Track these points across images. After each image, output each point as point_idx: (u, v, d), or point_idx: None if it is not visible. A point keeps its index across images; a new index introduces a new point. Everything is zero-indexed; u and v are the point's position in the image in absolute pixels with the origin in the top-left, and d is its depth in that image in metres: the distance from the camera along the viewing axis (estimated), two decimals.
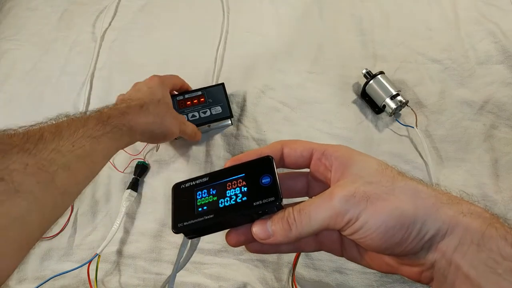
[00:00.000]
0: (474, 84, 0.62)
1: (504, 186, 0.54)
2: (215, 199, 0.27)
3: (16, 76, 0.71)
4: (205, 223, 0.27)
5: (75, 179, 0.34)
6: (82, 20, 0.76)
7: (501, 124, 0.58)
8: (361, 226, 0.23)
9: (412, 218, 0.22)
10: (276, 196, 0.26)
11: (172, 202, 0.29)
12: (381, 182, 0.24)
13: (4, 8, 0.80)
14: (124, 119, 0.42)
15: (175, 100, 0.58)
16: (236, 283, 0.50)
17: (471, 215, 0.22)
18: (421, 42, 0.67)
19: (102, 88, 0.68)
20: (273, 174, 0.27)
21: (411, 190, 0.24)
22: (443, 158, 0.57)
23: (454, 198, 0.24)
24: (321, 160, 0.28)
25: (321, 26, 0.71)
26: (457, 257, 0.22)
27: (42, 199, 0.30)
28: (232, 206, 0.27)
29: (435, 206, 0.23)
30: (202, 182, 0.29)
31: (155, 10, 0.77)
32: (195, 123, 0.57)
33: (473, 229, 0.22)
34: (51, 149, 0.32)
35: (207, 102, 0.59)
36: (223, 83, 0.61)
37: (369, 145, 0.59)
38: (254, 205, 0.26)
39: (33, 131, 0.33)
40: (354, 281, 0.49)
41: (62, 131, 0.35)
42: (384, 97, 0.57)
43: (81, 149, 0.35)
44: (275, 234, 0.25)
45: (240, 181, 0.27)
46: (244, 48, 0.70)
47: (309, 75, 0.66)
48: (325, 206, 0.24)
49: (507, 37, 0.64)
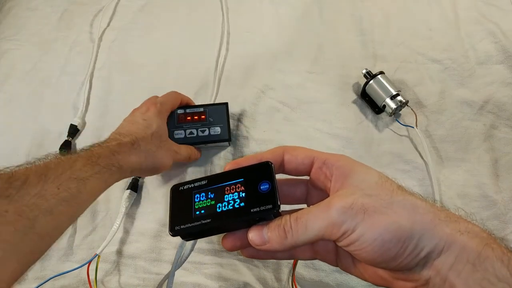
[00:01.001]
0: (474, 84, 0.62)
1: (504, 186, 0.54)
2: (213, 203, 0.27)
3: (16, 76, 0.71)
4: (202, 227, 0.27)
5: (57, 223, 0.33)
6: (82, 20, 0.76)
7: (501, 124, 0.58)
8: (357, 238, 0.23)
9: (409, 233, 0.22)
10: (274, 204, 0.26)
11: (170, 204, 0.29)
12: (380, 195, 0.24)
13: (4, 8, 0.80)
14: (114, 159, 0.40)
15: (176, 113, 0.56)
16: (236, 283, 0.50)
17: (468, 234, 0.22)
18: (421, 42, 0.67)
19: (101, 88, 0.68)
20: (272, 181, 0.27)
21: (409, 205, 0.24)
22: (443, 158, 0.57)
23: (452, 216, 0.24)
24: (321, 169, 0.27)
25: (321, 26, 0.71)
26: (452, 276, 0.22)
27: (19, 247, 0.29)
28: (229, 212, 0.27)
29: (433, 223, 0.23)
30: (200, 185, 0.29)
31: (155, 10, 0.77)
32: (191, 142, 0.55)
33: (469, 248, 0.22)
34: (34, 194, 0.31)
35: (208, 120, 0.56)
36: (227, 103, 0.58)
37: (369, 145, 0.59)
38: (252, 211, 0.26)
39: (18, 173, 0.32)
40: (354, 281, 0.49)
41: (48, 173, 0.34)
42: (384, 97, 0.57)
43: (67, 192, 0.33)
44: (271, 241, 0.25)
45: (238, 186, 0.27)
46: (244, 48, 0.70)
47: (309, 75, 0.66)
48: (322, 216, 0.24)
49: (507, 37, 0.64)
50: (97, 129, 0.64)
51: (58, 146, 0.61)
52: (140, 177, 0.58)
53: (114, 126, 0.65)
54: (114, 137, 0.45)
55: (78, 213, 0.36)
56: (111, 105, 0.66)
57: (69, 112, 0.66)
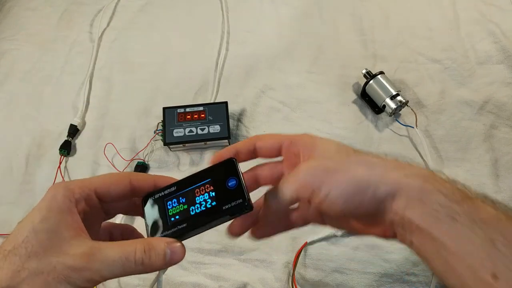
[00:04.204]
0: (474, 84, 0.62)
1: (504, 186, 0.54)
2: (186, 207, 0.28)
3: (16, 76, 0.71)
4: (180, 232, 0.27)
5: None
6: (82, 20, 0.76)
7: (501, 124, 0.58)
8: (325, 195, 0.27)
9: (366, 184, 0.27)
10: (243, 198, 0.27)
11: (145, 215, 0.29)
12: (339, 158, 0.29)
13: (4, 8, 0.80)
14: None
15: (175, 112, 0.57)
16: (236, 283, 0.50)
17: (412, 176, 0.27)
18: (421, 42, 0.67)
19: (101, 88, 0.68)
20: (238, 176, 0.27)
21: (364, 162, 0.28)
22: (443, 158, 0.57)
23: (400, 164, 0.28)
24: (290, 148, 0.32)
25: (321, 26, 0.71)
26: (408, 213, 0.26)
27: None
28: (203, 212, 0.27)
29: (385, 173, 0.27)
30: (170, 192, 0.29)
31: (155, 10, 0.77)
32: (191, 139, 0.55)
33: (414, 187, 0.26)
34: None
35: (207, 119, 0.57)
36: (226, 102, 0.59)
37: (369, 145, 0.59)
38: (224, 209, 0.27)
39: None
40: (354, 281, 0.49)
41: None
42: (384, 97, 0.57)
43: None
44: (261, 214, 0.30)
45: (207, 186, 0.28)
46: (244, 48, 0.70)
47: (309, 75, 0.66)
48: (293, 180, 0.28)
49: (507, 37, 0.64)
50: (97, 129, 0.64)
51: (58, 146, 0.61)
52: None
53: (114, 126, 0.65)
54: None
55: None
56: (111, 105, 0.66)
57: (69, 112, 0.66)
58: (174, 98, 0.66)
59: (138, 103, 0.66)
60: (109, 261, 0.24)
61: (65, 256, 0.24)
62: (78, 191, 0.26)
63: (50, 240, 0.24)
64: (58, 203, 0.25)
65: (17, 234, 0.24)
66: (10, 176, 0.61)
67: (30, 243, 0.24)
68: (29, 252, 0.23)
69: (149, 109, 0.65)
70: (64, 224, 0.25)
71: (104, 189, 0.28)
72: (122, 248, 0.25)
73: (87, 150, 0.63)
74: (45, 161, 0.62)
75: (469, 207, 0.25)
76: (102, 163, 0.61)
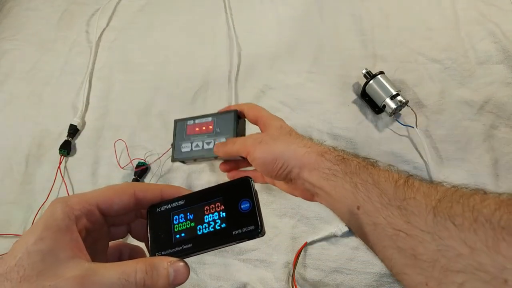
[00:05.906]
0: (474, 84, 0.62)
1: (504, 186, 0.54)
2: (193, 225, 0.26)
3: (16, 76, 0.71)
4: (184, 252, 0.25)
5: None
6: (82, 20, 0.76)
7: (501, 124, 0.58)
8: (253, 158, 0.38)
9: (279, 156, 0.37)
10: (256, 225, 0.24)
11: (149, 227, 0.27)
12: (273, 134, 0.40)
13: (4, 8, 0.80)
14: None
15: (185, 124, 0.52)
16: (236, 283, 0.50)
17: (312, 153, 0.36)
18: (421, 42, 0.67)
19: (101, 88, 0.68)
20: (252, 199, 0.25)
21: (286, 141, 0.38)
22: (443, 158, 0.57)
23: (307, 143, 0.38)
24: (260, 123, 0.44)
25: (321, 26, 0.71)
26: (311, 179, 0.36)
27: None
28: (211, 234, 0.25)
29: (296, 150, 0.37)
30: (178, 205, 0.27)
31: (155, 10, 0.77)
32: (196, 156, 0.50)
33: (312, 161, 0.36)
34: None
35: (214, 131, 0.51)
36: (236, 110, 0.50)
37: (369, 145, 0.59)
38: (234, 234, 0.25)
39: None
40: (354, 281, 0.49)
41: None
42: (384, 97, 0.57)
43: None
44: (217, 151, 0.44)
45: (218, 204, 0.26)
46: (244, 48, 0.70)
47: (309, 75, 0.66)
48: (240, 142, 0.41)
49: (507, 37, 0.64)
50: (97, 129, 0.64)
51: (58, 146, 0.61)
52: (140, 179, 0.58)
53: (114, 126, 0.65)
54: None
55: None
56: (111, 105, 0.66)
57: (69, 112, 0.66)
58: (174, 98, 0.66)
59: (138, 103, 0.66)
60: (106, 283, 0.23)
61: (58, 279, 0.22)
62: (78, 207, 0.25)
63: (43, 263, 0.22)
64: (56, 221, 0.24)
65: (11, 256, 0.23)
66: (10, 176, 0.61)
67: (23, 267, 0.22)
68: (21, 276, 0.22)
69: (149, 109, 0.65)
70: (61, 244, 0.23)
71: (106, 203, 0.26)
72: (121, 269, 0.23)
73: (87, 150, 0.63)
74: (45, 161, 0.62)
75: (344, 166, 0.35)
76: (102, 163, 0.61)
